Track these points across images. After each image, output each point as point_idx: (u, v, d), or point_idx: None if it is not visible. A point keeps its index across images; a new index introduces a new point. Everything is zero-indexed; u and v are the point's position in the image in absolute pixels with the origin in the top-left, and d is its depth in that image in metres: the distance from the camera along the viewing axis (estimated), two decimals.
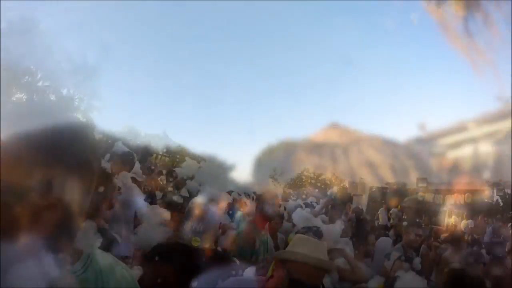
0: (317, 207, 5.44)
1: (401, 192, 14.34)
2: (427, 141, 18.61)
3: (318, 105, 37.75)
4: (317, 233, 2.97)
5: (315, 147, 26.44)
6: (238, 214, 4.46)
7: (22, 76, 12.66)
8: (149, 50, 38.81)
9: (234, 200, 4.69)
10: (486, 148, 14.64)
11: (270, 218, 3.52)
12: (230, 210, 4.52)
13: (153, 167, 10.77)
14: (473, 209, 11.20)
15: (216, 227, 3.35)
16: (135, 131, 14.76)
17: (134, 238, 2.80)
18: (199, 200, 3.48)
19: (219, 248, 3.10)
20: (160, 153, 14.58)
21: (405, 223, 4.61)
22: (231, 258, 2.65)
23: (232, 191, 4.88)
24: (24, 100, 12.72)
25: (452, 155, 16.08)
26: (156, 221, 2.78)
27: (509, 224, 7.76)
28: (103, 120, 15.99)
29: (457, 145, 15.84)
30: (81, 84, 13.76)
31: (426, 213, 14.16)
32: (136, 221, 3.06)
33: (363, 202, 13.44)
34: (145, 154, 12.72)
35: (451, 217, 11.63)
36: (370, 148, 23.45)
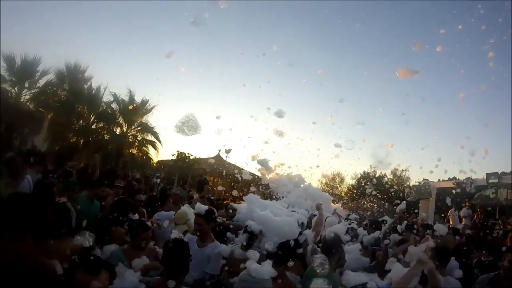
0: None
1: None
2: None
3: None
4: None
5: None
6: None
7: (77, 120, 13.14)
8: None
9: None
10: None
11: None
12: None
13: (212, 197, 10.72)
14: None
15: None
16: (186, 159, 14.87)
17: None
18: None
19: None
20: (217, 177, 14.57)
21: (503, 248, 3.59)
22: None
23: None
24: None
25: None
26: None
27: None
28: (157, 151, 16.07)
29: None
30: (133, 121, 14.11)
31: (501, 211, 12.98)
32: None
33: (431, 204, 12.70)
34: (202, 183, 12.74)
35: None
36: None
